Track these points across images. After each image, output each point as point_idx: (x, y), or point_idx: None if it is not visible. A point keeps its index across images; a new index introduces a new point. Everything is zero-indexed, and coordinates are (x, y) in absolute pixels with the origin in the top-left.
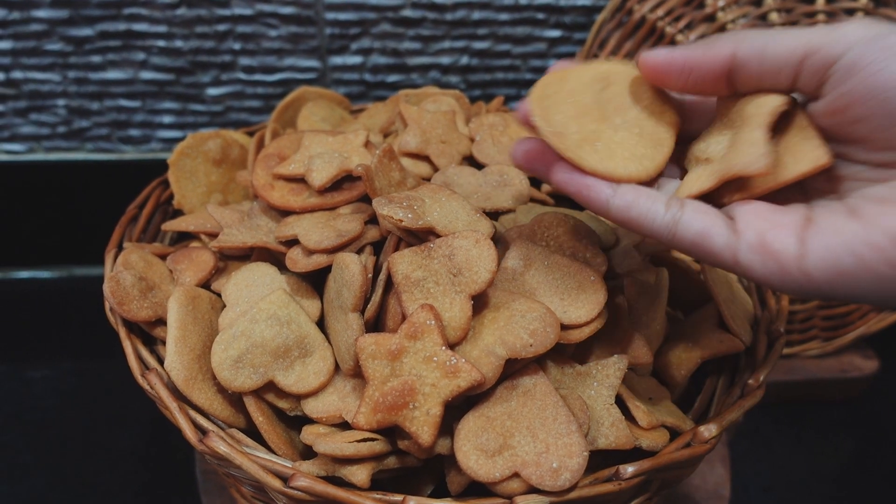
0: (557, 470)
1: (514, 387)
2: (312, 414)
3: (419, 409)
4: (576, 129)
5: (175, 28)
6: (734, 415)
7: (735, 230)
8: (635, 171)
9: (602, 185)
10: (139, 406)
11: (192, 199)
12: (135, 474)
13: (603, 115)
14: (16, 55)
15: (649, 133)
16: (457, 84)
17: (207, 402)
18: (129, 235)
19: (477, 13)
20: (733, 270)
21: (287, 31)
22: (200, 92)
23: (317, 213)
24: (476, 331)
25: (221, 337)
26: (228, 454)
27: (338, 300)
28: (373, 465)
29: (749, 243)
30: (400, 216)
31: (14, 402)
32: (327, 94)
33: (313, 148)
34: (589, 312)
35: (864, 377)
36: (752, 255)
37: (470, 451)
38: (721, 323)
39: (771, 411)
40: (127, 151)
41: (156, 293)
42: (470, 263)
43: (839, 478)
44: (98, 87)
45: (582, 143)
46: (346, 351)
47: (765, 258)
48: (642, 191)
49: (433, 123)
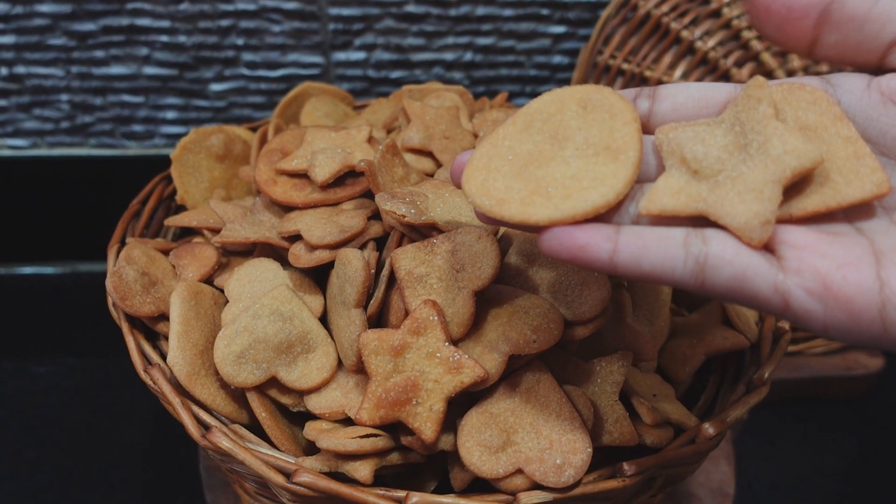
0: (561, 466)
1: (518, 383)
2: (315, 410)
3: (422, 405)
4: (521, 185)
5: (178, 23)
6: (739, 412)
7: (782, 268)
8: (600, 198)
9: (599, 239)
10: (142, 401)
11: (195, 194)
12: (138, 470)
13: (549, 155)
14: (19, 50)
15: (605, 146)
16: (460, 80)
17: (210, 398)
18: (132, 231)
19: (481, 9)
20: (782, 317)
21: (290, 27)
22: (203, 87)
23: (319, 209)
24: (479, 327)
25: (224, 332)
26: (231, 450)
27: (340, 296)
28: (376, 461)
29: (806, 287)
30: (403, 212)
31: (18, 397)
32: (330, 90)
33: (316, 143)
34: (592, 308)
35: (869, 375)
36: (810, 302)
37: (473, 448)
38: (725, 319)
39: (776, 409)
40: (130, 147)
41: (158, 288)
42: (473, 259)
43: (844, 475)
44: (101, 82)
45: (530, 196)
46: (348, 347)
47: (829, 305)
48: (648, 232)
49: (437, 119)
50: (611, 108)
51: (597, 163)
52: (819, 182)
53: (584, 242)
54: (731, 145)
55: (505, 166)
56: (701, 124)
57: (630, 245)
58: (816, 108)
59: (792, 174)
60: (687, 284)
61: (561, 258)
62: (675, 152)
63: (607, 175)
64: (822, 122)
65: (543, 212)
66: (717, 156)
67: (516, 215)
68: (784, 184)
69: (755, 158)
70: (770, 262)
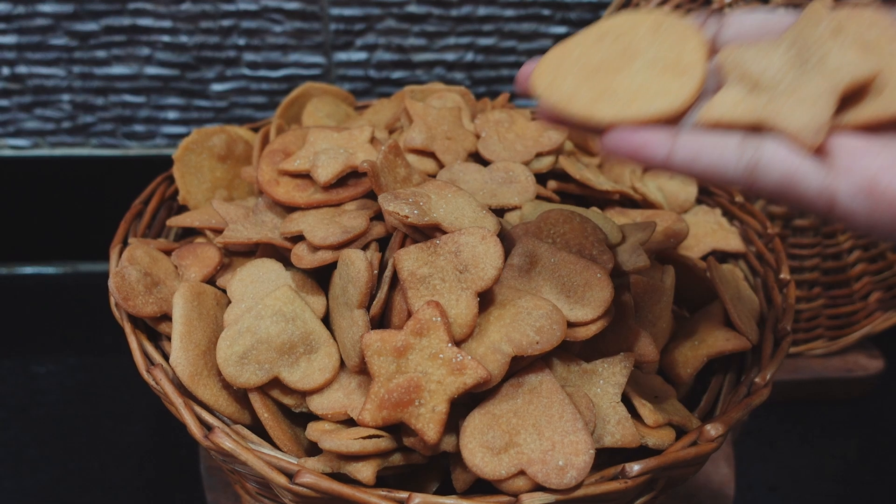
0: (563, 468)
1: (520, 384)
2: (318, 410)
3: (425, 406)
4: (588, 89)
5: (180, 23)
6: (740, 413)
7: (831, 170)
8: (664, 106)
9: (657, 140)
10: (144, 401)
11: (197, 194)
12: (139, 470)
13: (617, 66)
14: (21, 50)
15: (673, 64)
16: (462, 80)
17: (213, 398)
18: (135, 231)
19: (482, 9)
20: (826, 217)
21: (292, 27)
22: (205, 87)
23: (322, 210)
24: (482, 328)
25: (227, 333)
26: (234, 450)
27: (343, 296)
28: (378, 461)
29: (854, 187)
30: (406, 212)
31: (19, 396)
32: (332, 90)
33: (318, 144)
34: (595, 310)
35: (869, 377)
36: (856, 202)
37: (476, 449)
38: (727, 321)
39: (776, 410)
40: (131, 147)
41: (161, 289)
42: (476, 260)
43: (844, 477)
44: (103, 82)
45: (597, 98)
46: (351, 347)
47: (875, 204)
48: (707, 138)
49: (439, 120)
50: (682, 32)
51: (663, 78)
52: (874, 95)
53: (644, 141)
54: (790, 62)
55: (574, 71)
56: (762, 44)
57: (687, 145)
58: (876, 28)
59: (847, 85)
60: (738, 184)
61: (620, 156)
62: (736, 69)
63: (672, 88)
64: (881, 40)
65: (609, 112)
66: (776, 71)
67: (582, 112)
68: (839, 94)
69: (813, 72)
70: (819, 166)
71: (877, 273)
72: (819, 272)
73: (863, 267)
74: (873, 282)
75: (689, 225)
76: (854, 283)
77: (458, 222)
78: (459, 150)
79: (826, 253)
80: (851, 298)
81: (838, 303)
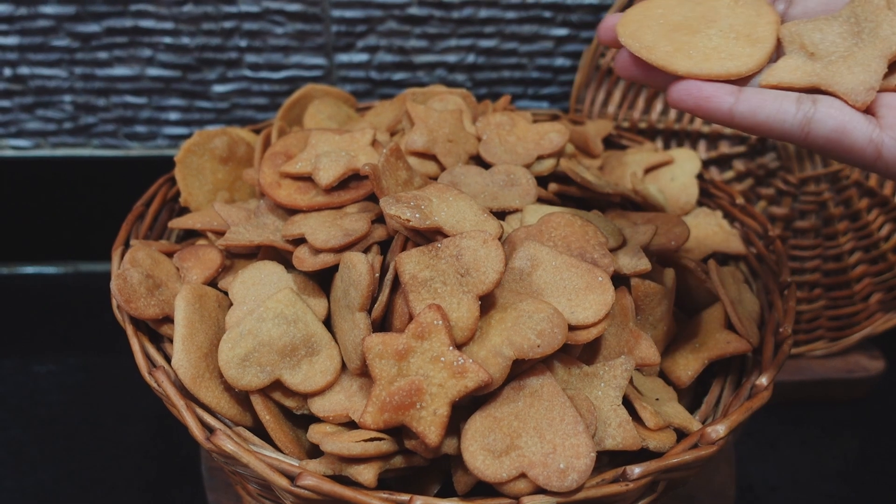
0: (564, 471)
1: (522, 387)
2: (319, 413)
3: (426, 408)
4: (666, 43)
5: (181, 25)
6: (741, 416)
7: (879, 125)
8: (734, 67)
9: (723, 93)
10: (145, 402)
11: (199, 196)
12: (140, 471)
13: (695, 28)
14: (22, 51)
15: (746, 34)
16: (463, 82)
17: (214, 401)
18: (136, 233)
19: (483, 11)
20: (873, 169)
21: (293, 29)
22: (206, 89)
23: (324, 212)
24: (483, 331)
25: (228, 335)
26: (235, 452)
27: (345, 299)
28: (379, 464)
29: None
30: (407, 216)
31: (20, 397)
32: (333, 92)
33: (320, 146)
34: (596, 313)
35: (870, 377)
36: None
37: (477, 452)
38: (728, 324)
39: (776, 411)
40: (133, 148)
41: (163, 291)
42: (477, 263)
43: (845, 478)
44: (104, 83)
45: (674, 52)
46: (352, 350)
47: None
48: (767, 93)
49: (440, 122)
50: (759, 7)
51: (736, 44)
52: None
53: (710, 94)
54: (846, 33)
55: (655, 27)
56: (820, 18)
57: (750, 99)
58: None
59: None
60: (793, 135)
61: (686, 106)
62: (795, 40)
63: (743, 54)
64: None
65: (685, 65)
66: (833, 41)
67: (660, 61)
68: (889, 59)
69: (865, 40)
70: (869, 121)
71: (878, 274)
72: (820, 273)
73: (864, 268)
74: (874, 283)
75: (690, 227)
76: (855, 285)
77: (460, 225)
78: (461, 152)
79: (827, 254)
80: (852, 300)
81: (839, 304)
